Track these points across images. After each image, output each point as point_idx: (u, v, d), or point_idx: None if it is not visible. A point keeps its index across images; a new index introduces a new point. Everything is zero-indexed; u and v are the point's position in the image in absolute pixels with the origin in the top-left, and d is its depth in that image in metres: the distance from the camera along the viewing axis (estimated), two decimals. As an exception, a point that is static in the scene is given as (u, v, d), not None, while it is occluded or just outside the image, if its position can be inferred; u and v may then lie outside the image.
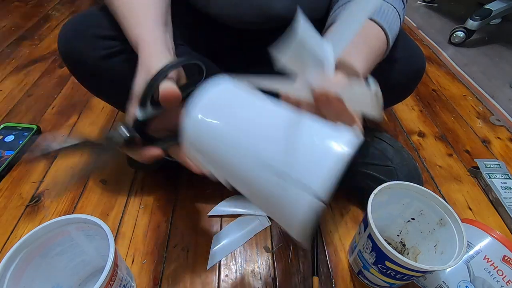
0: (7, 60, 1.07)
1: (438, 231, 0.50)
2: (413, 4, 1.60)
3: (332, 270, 0.56)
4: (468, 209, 0.68)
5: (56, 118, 0.85)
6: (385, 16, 0.43)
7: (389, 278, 0.47)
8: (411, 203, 0.53)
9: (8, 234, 0.59)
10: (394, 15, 0.44)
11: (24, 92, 0.93)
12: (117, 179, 0.70)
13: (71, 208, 0.64)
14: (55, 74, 1.02)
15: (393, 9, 0.44)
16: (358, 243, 0.51)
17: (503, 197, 0.67)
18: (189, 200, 0.66)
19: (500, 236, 0.51)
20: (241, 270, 0.56)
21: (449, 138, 0.86)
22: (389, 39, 0.43)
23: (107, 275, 0.37)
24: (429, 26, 1.41)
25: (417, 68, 0.58)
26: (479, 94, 1.03)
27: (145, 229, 0.61)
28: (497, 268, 0.49)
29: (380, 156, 0.61)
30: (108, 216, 0.63)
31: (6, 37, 1.19)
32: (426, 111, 0.95)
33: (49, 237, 0.43)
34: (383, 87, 0.57)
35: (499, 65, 1.17)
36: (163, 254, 0.57)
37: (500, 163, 0.76)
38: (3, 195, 0.66)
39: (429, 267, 0.42)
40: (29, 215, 0.62)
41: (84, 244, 0.47)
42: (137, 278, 0.54)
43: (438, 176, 0.75)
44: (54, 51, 1.12)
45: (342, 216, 0.65)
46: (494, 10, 1.22)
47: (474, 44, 1.28)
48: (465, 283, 0.50)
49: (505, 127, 0.91)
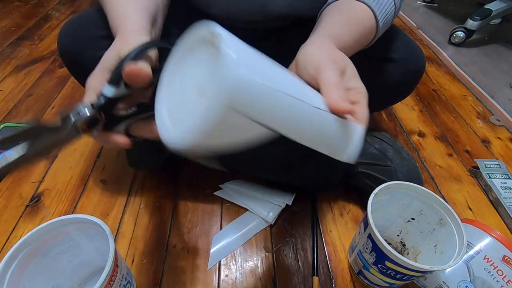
0: (7, 60, 1.07)
1: (438, 231, 0.50)
2: (413, 4, 1.60)
3: (332, 270, 0.56)
4: (468, 209, 0.68)
5: (56, 118, 0.85)
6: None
7: (389, 278, 0.47)
8: (411, 203, 0.53)
9: (8, 234, 0.59)
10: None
11: (24, 92, 0.93)
12: (117, 179, 0.70)
13: (71, 208, 0.64)
14: (55, 74, 1.02)
15: None
16: (358, 243, 0.51)
17: (503, 197, 0.67)
18: (189, 200, 0.66)
19: (500, 236, 0.51)
20: (241, 270, 0.56)
21: (449, 138, 0.86)
22: (375, 13, 0.42)
23: (107, 275, 0.37)
24: (429, 26, 1.41)
25: (417, 68, 0.58)
26: (479, 94, 1.03)
27: (145, 229, 0.61)
28: (497, 268, 0.49)
29: (380, 156, 0.61)
30: (108, 216, 0.63)
31: (6, 37, 1.19)
32: (426, 111, 0.95)
33: (49, 237, 0.43)
34: (383, 87, 0.57)
35: (499, 65, 1.17)
36: (163, 254, 0.57)
37: (500, 163, 0.76)
38: (3, 195, 0.66)
39: (429, 267, 0.42)
40: (29, 215, 0.62)
41: (84, 244, 0.47)
42: (137, 278, 0.54)
43: (438, 176, 0.75)
44: (54, 51, 1.12)
45: (342, 216, 0.65)
46: (494, 10, 1.22)
47: (474, 44, 1.28)
48: (465, 283, 0.50)
49: (505, 127, 0.91)
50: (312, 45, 0.35)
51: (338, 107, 0.28)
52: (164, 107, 0.29)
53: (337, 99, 0.28)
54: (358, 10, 0.42)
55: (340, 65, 0.32)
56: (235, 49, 0.23)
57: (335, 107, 0.28)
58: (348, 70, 0.33)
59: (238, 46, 0.24)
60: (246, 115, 0.23)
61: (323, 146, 0.29)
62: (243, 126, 0.23)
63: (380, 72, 0.55)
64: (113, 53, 0.33)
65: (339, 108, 0.28)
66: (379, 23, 0.43)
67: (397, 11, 0.46)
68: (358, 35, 0.42)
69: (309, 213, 0.65)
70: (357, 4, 0.42)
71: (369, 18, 0.42)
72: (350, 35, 0.40)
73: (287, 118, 0.25)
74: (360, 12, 0.42)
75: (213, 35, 0.23)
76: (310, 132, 0.28)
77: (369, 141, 0.62)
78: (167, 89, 0.29)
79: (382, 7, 0.43)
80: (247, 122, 0.23)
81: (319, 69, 0.31)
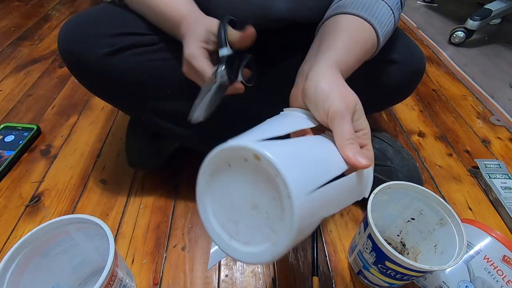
0: (7, 60, 1.07)
1: (438, 231, 0.50)
2: (413, 4, 1.60)
3: (332, 270, 0.56)
4: (468, 209, 0.68)
5: (56, 118, 0.85)
6: (369, 10, 0.43)
7: (389, 278, 0.47)
8: (411, 203, 0.53)
9: (8, 234, 0.59)
10: (382, 7, 0.44)
11: (24, 92, 0.93)
12: (117, 179, 0.70)
13: (71, 208, 0.64)
14: (55, 74, 1.02)
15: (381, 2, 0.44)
16: (358, 243, 0.51)
17: (503, 197, 0.67)
18: (189, 200, 0.66)
19: (500, 236, 0.51)
20: (241, 270, 0.56)
21: (449, 138, 0.86)
22: (376, 29, 0.42)
23: (107, 275, 0.37)
24: (429, 26, 1.41)
25: (417, 68, 0.58)
26: (479, 94, 1.03)
27: (145, 229, 0.61)
28: (497, 268, 0.49)
29: (380, 156, 0.61)
30: (108, 216, 0.63)
31: (6, 37, 1.19)
32: (426, 111, 0.95)
33: (49, 237, 0.43)
34: (384, 88, 0.57)
35: (499, 65, 1.17)
36: (163, 254, 0.57)
37: (500, 163, 0.76)
38: (3, 195, 0.66)
39: (429, 267, 0.42)
40: (29, 215, 0.62)
41: (84, 244, 0.47)
42: (137, 278, 0.54)
43: (438, 176, 0.75)
44: (54, 51, 1.12)
45: (342, 216, 0.65)
46: (494, 10, 1.22)
47: (474, 44, 1.28)
48: (465, 283, 0.50)
49: (505, 127, 0.91)
50: (320, 76, 0.36)
51: (358, 165, 0.31)
52: (216, 222, 0.30)
53: (355, 155, 0.31)
54: (360, 29, 0.42)
55: (351, 107, 0.33)
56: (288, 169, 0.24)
57: (355, 164, 0.31)
58: (357, 110, 0.34)
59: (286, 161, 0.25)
60: (312, 226, 0.28)
61: (349, 202, 0.33)
62: (310, 228, 0.28)
63: (381, 73, 0.55)
64: (202, 29, 0.40)
65: (359, 166, 0.31)
66: (380, 39, 0.43)
67: (396, 22, 0.47)
68: (361, 55, 0.42)
69: (309, 213, 0.65)
70: (360, 23, 0.42)
71: (371, 36, 0.43)
72: (354, 57, 0.41)
73: (336, 201, 0.30)
74: (362, 31, 0.42)
75: (259, 156, 0.25)
76: (346, 198, 0.33)
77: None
78: (211, 204, 0.30)
79: (382, 22, 0.43)
80: (313, 224, 0.28)
81: (333, 119, 0.33)
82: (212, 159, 0.28)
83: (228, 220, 0.29)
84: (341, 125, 0.32)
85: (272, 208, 0.26)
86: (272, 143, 0.26)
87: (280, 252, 0.25)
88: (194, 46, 0.40)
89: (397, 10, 0.46)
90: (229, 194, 0.28)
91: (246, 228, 0.28)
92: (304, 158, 0.28)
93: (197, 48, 0.40)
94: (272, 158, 0.24)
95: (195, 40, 0.40)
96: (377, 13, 0.43)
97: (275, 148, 0.25)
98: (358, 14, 0.42)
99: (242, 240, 0.28)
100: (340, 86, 0.35)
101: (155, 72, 0.50)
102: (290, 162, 0.25)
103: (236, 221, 0.28)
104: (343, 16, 0.43)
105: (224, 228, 0.29)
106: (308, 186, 0.25)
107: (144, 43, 0.49)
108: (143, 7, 0.48)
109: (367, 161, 0.31)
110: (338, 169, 0.30)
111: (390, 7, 0.44)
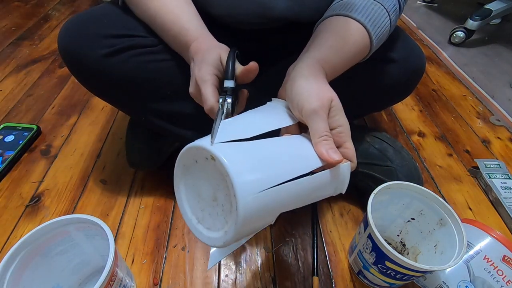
0: (7, 60, 1.07)
1: (438, 231, 0.50)
2: (413, 4, 1.60)
3: (332, 270, 0.56)
4: (468, 209, 0.68)
5: (56, 118, 0.85)
6: (363, 11, 0.43)
7: (389, 278, 0.47)
8: (411, 203, 0.53)
9: (8, 234, 0.59)
10: (378, 9, 0.44)
11: (24, 92, 0.93)
12: (117, 179, 0.70)
13: (71, 208, 0.64)
14: (55, 74, 1.02)
15: (376, 4, 0.45)
16: (358, 243, 0.51)
17: (503, 197, 0.67)
18: (189, 200, 0.66)
19: (500, 236, 0.51)
20: (241, 270, 0.56)
21: (449, 138, 0.86)
22: (369, 31, 0.43)
23: (107, 275, 0.37)
24: (429, 26, 1.41)
25: (417, 68, 0.58)
26: (479, 94, 1.03)
27: (145, 229, 0.61)
28: (497, 268, 0.49)
29: (380, 156, 0.61)
30: (108, 216, 0.63)
31: (6, 37, 1.19)
32: (426, 111, 0.95)
33: (49, 237, 0.43)
34: (384, 87, 0.57)
35: (499, 65, 1.17)
36: (163, 254, 0.57)
37: (500, 163, 0.76)
38: (3, 195, 0.66)
39: (429, 267, 0.42)
40: (29, 215, 0.62)
41: (84, 244, 0.47)
42: (137, 278, 0.54)
43: (438, 176, 0.75)
44: (54, 51, 1.12)
45: (342, 216, 0.65)
46: (494, 10, 1.22)
47: (474, 44, 1.28)
48: (465, 283, 0.50)
49: (505, 127, 0.91)
50: (298, 75, 0.37)
51: (331, 160, 0.32)
52: (188, 207, 0.35)
53: (328, 151, 0.32)
54: (351, 30, 0.43)
55: (325, 105, 0.34)
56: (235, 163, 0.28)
57: (328, 160, 0.32)
58: (333, 107, 0.35)
59: (236, 158, 0.29)
60: (262, 220, 0.31)
61: (319, 197, 0.35)
62: (260, 221, 0.31)
63: (380, 72, 0.55)
64: (216, 56, 0.41)
65: (331, 161, 0.32)
66: (373, 41, 0.44)
67: (393, 24, 0.47)
68: (350, 56, 0.43)
69: (309, 213, 0.65)
70: (352, 24, 0.43)
71: (363, 38, 0.43)
72: (341, 57, 0.42)
73: (293, 199, 0.32)
74: (353, 33, 0.43)
75: (213, 157, 0.29)
76: (312, 194, 0.34)
77: (369, 141, 0.62)
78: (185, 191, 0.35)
79: (376, 24, 0.44)
80: (263, 219, 0.31)
81: (307, 117, 0.34)
82: (182, 155, 0.32)
83: (196, 207, 0.34)
84: (315, 123, 0.34)
85: (226, 202, 0.30)
86: (230, 145, 0.30)
87: (229, 240, 0.29)
88: (207, 71, 0.40)
89: (394, 12, 0.46)
90: (197, 185, 0.33)
91: (209, 216, 0.32)
92: (261, 159, 0.30)
93: (209, 74, 0.40)
94: (223, 160, 0.28)
95: (208, 65, 0.40)
96: (371, 14, 0.43)
97: (230, 150, 0.29)
98: (351, 15, 0.43)
99: (205, 225, 0.33)
100: (316, 83, 0.36)
101: (155, 73, 0.50)
102: (241, 165, 0.28)
103: (202, 209, 0.33)
104: (337, 17, 0.44)
105: (194, 213, 0.34)
106: (258, 186, 0.28)
107: (143, 44, 0.49)
108: (148, 18, 0.49)
109: (339, 156, 0.32)
110: (308, 166, 0.32)
111: (386, 9, 0.45)
